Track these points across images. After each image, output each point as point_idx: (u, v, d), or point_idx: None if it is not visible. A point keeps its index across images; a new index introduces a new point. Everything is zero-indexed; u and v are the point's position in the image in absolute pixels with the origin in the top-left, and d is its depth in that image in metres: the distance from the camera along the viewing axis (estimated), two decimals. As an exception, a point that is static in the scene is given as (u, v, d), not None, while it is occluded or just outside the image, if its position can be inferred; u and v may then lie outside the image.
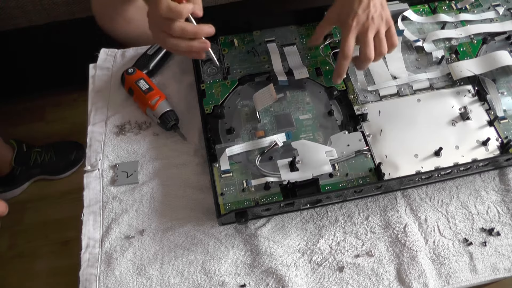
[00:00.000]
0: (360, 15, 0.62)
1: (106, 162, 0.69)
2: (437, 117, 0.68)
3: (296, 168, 0.63)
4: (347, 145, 0.66)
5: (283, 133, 0.67)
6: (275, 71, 0.73)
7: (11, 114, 1.44)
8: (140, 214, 0.64)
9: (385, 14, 0.64)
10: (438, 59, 0.73)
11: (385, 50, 0.64)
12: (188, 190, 0.66)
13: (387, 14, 0.64)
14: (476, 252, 0.61)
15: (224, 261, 0.61)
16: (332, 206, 0.64)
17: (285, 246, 0.61)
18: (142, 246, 0.62)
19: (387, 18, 0.64)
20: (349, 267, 0.60)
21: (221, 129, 0.68)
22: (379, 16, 0.63)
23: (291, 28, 0.79)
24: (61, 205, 1.29)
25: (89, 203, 0.65)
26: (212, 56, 0.67)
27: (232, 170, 0.64)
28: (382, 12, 0.63)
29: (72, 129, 1.41)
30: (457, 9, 0.80)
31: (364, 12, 0.62)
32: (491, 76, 0.72)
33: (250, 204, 0.61)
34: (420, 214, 0.63)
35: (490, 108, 0.69)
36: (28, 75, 1.36)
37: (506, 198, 0.64)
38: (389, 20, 0.65)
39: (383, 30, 0.64)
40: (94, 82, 0.77)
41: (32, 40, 1.24)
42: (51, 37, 1.24)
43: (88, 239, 0.62)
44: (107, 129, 0.72)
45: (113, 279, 0.59)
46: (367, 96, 0.70)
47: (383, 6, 0.64)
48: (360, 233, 0.62)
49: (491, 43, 0.76)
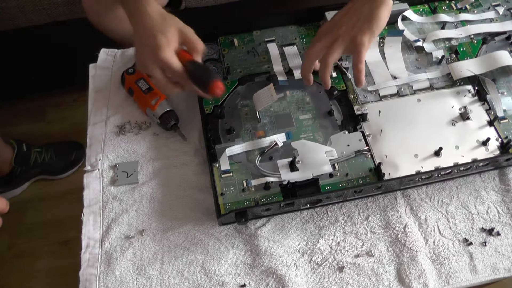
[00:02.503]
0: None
1: (106, 162, 0.69)
2: (437, 117, 0.68)
3: (296, 168, 0.63)
4: (347, 145, 0.66)
5: (283, 133, 0.67)
6: (275, 71, 0.73)
7: (11, 114, 1.44)
8: (140, 214, 0.64)
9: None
10: (438, 59, 0.73)
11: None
12: (188, 190, 0.66)
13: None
14: (476, 252, 0.61)
15: (224, 261, 0.61)
16: (332, 206, 0.64)
17: (285, 246, 0.61)
18: (142, 246, 0.62)
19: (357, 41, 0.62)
20: (349, 267, 0.60)
21: (221, 129, 0.68)
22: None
23: (291, 28, 0.79)
24: (61, 205, 1.28)
25: (89, 203, 0.65)
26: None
27: (232, 170, 0.64)
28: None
29: (72, 129, 1.42)
30: (457, 9, 0.80)
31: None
32: (491, 76, 0.72)
33: (250, 204, 0.61)
34: (420, 214, 0.63)
35: (490, 108, 0.69)
36: (28, 75, 1.36)
37: (506, 198, 0.64)
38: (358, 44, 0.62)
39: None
40: (94, 82, 0.77)
41: (32, 40, 1.24)
42: (51, 37, 1.24)
43: (88, 239, 0.62)
44: (107, 129, 0.72)
45: (113, 279, 0.59)
46: (367, 96, 0.70)
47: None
48: (360, 233, 0.62)
49: (491, 43, 0.76)
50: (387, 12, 0.62)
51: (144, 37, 0.59)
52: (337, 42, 0.62)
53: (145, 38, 0.59)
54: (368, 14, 0.62)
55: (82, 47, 0.90)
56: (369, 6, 0.62)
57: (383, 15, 0.62)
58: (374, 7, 0.62)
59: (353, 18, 0.62)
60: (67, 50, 1.22)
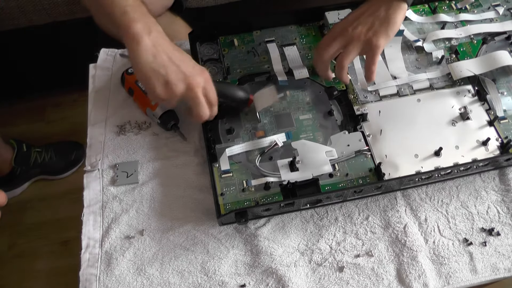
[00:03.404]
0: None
1: (106, 162, 0.69)
2: (437, 117, 0.68)
3: (296, 168, 0.63)
4: (347, 145, 0.66)
5: (283, 133, 0.67)
6: (275, 71, 0.73)
7: (11, 114, 1.44)
8: (140, 214, 0.64)
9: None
10: (438, 59, 0.73)
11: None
12: (188, 190, 0.66)
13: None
14: (476, 252, 0.61)
15: (224, 261, 0.61)
16: (332, 206, 0.64)
17: (285, 246, 0.61)
18: (142, 246, 0.62)
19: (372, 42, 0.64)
20: (349, 267, 0.60)
21: (221, 129, 0.68)
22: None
23: (291, 28, 0.79)
24: (61, 205, 1.28)
25: (89, 203, 0.65)
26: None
27: (232, 170, 0.64)
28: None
29: (72, 129, 1.41)
30: (457, 9, 0.80)
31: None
32: (491, 76, 0.72)
33: (250, 204, 0.61)
34: (420, 214, 0.63)
35: (490, 108, 0.69)
36: (28, 75, 1.36)
37: (506, 198, 0.64)
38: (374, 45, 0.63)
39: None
40: (94, 82, 0.77)
41: (32, 40, 1.24)
42: (51, 37, 1.24)
43: (88, 239, 0.62)
44: (107, 129, 0.72)
45: (113, 279, 0.59)
46: (367, 96, 0.70)
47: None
48: (360, 233, 0.62)
49: (491, 43, 0.76)
50: (402, 16, 0.64)
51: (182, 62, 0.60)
52: (353, 44, 0.63)
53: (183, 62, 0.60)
54: (385, 17, 0.63)
55: (82, 47, 0.90)
56: (385, 10, 0.63)
57: (398, 19, 0.63)
58: (391, 11, 0.63)
59: (369, 19, 0.63)
60: (67, 50, 1.22)
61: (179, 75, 0.58)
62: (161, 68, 0.57)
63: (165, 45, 0.59)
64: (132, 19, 0.57)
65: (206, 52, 0.76)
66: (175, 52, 0.59)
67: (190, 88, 0.58)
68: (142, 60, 0.57)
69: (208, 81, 0.61)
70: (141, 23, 0.57)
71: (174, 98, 0.59)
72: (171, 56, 0.58)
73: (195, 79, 0.59)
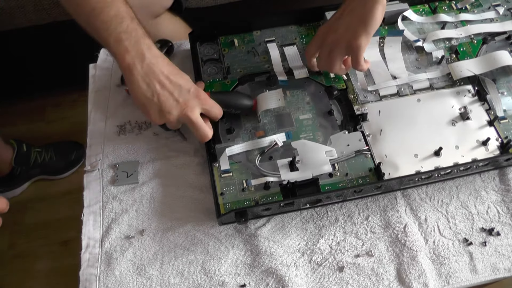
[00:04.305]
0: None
1: (106, 162, 0.69)
2: (437, 117, 0.68)
3: (296, 168, 0.63)
4: (347, 145, 0.66)
5: (283, 133, 0.67)
6: (275, 71, 0.73)
7: (11, 114, 1.44)
8: (140, 214, 0.64)
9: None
10: (438, 59, 0.73)
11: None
12: (188, 190, 0.66)
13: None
14: (476, 252, 0.61)
15: (224, 261, 0.61)
16: (332, 206, 0.64)
17: (285, 246, 0.61)
18: (142, 246, 0.62)
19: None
20: (349, 267, 0.60)
21: (221, 129, 0.68)
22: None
23: (291, 28, 0.79)
24: (61, 205, 1.28)
25: (89, 203, 0.65)
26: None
27: (232, 170, 0.64)
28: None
29: (72, 129, 1.41)
30: (457, 9, 0.80)
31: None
32: (491, 76, 0.72)
33: (250, 204, 0.61)
34: (420, 214, 0.63)
35: (490, 108, 0.69)
36: (28, 75, 1.36)
37: (506, 198, 0.64)
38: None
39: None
40: (94, 82, 0.77)
41: (32, 40, 1.24)
42: (51, 37, 1.24)
43: (88, 239, 0.62)
44: (107, 129, 0.72)
45: (113, 279, 0.59)
46: (367, 96, 0.70)
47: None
48: (360, 233, 0.62)
49: (491, 43, 0.76)
50: (382, 10, 0.62)
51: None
52: (335, 51, 0.64)
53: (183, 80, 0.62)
54: (363, 15, 0.62)
55: (82, 47, 0.89)
56: (363, 5, 0.62)
57: (377, 15, 0.62)
58: (368, 7, 0.61)
59: (347, 19, 0.63)
60: (67, 50, 1.21)
61: (172, 103, 0.60)
62: (154, 97, 0.59)
63: (157, 71, 0.60)
64: (125, 49, 0.58)
65: (206, 52, 0.76)
66: (169, 76, 0.60)
67: (184, 115, 0.60)
68: (135, 88, 0.59)
69: (206, 100, 0.62)
70: (134, 51, 0.59)
71: (171, 124, 0.62)
72: (164, 83, 0.60)
73: (188, 104, 0.60)
